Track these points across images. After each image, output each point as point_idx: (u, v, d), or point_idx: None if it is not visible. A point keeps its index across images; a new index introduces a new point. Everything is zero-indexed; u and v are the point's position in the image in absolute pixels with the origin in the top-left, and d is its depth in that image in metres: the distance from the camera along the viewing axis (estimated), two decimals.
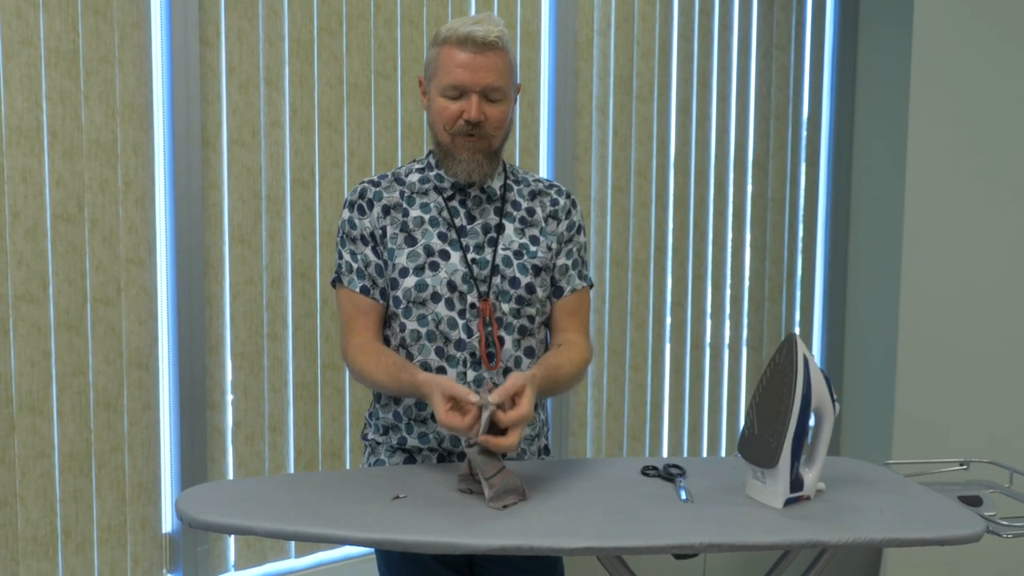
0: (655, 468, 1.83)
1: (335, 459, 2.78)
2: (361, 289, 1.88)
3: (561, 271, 1.96)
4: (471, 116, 1.80)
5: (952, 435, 3.38)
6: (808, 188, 3.72)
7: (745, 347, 3.61)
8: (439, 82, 1.82)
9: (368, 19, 2.72)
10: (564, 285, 1.96)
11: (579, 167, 3.15)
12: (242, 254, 2.58)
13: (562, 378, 1.82)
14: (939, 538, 1.57)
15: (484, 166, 1.86)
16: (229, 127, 2.53)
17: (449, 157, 1.86)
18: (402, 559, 1.87)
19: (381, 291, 1.89)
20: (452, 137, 1.84)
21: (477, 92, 1.80)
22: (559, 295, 1.96)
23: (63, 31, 2.28)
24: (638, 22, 3.23)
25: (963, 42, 3.33)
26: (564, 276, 1.96)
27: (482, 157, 1.86)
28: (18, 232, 2.26)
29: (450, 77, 1.79)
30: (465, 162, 1.85)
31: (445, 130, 1.84)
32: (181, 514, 1.55)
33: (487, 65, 1.79)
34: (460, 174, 1.86)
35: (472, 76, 1.78)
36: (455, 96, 1.81)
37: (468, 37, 1.77)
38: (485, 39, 1.77)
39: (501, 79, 1.81)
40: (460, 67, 1.78)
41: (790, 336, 1.68)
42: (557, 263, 1.95)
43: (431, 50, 1.85)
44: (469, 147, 1.84)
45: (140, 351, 2.46)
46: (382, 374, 1.80)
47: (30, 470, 2.32)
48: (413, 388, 1.74)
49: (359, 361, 1.84)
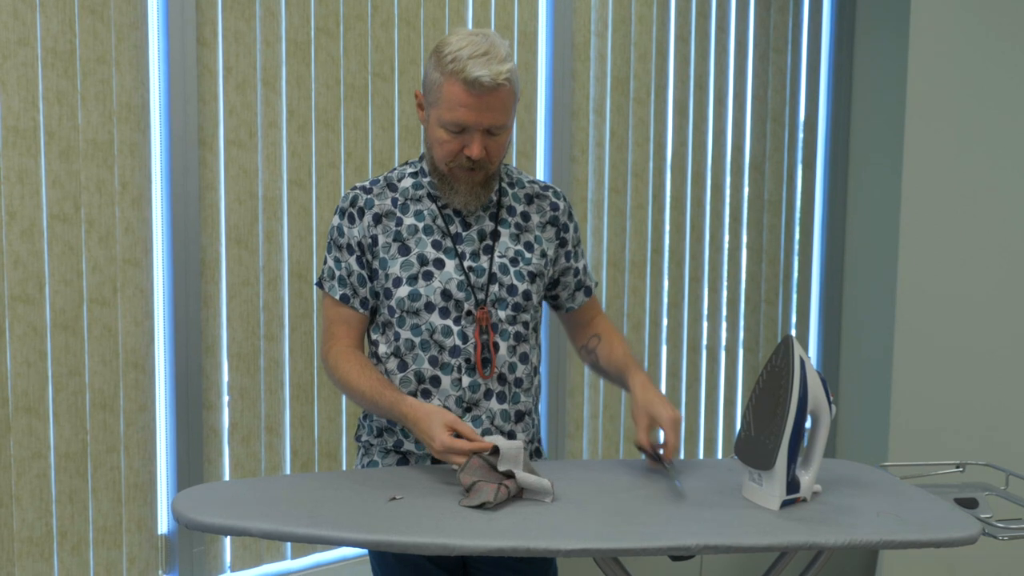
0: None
1: (331, 460, 2.78)
2: (341, 297, 1.88)
3: (584, 272, 2.02)
4: (473, 155, 1.77)
5: (948, 437, 3.39)
6: (804, 190, 3.72)
7: (741, 349, 3.62)
8: (440, 115, 1.77)
9: (365, 20, 2.72)
10: (590, 284, 2.05)
11: (576, 168, 3.16)
12: (238, 255, 2.58)
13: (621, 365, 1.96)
14: (935, 540, 1.57)
15: (482, 196, 1.85)
16: (226, 128, 2.53)
17: (446, 184, 1.84)
18: (395, 560, 1.87)
19: (361, 300, 1.88)
20: (450, 168, 1.82)
21: (481, 131, 1.77)
22: (589, 294, 2.04)
23: (60, 31, 2.28)
24: (635, 24, 3.23)
25: (959, 44, 3.33)
26: (587, 276, 2.04)
27: (480, 188, 1.84)
28: (14, 232, 2.25)
29: (453, 115, 1.75)
30: (463, 194, 1.83)
31: (444, 162, 1.81)
32: (177, 515, 1.55)
33: (492, 105, 1.74)
34: (458, 204, 1.84)
35: (477, 117, 1.74)
36: (457, 132, 1.77)
37: (476, 82, 1.71)
38: (493, 83, 1.72)
39: (504, 115, 1.77)
40: (464, 107, 1.74)
41: (786, 338, 1.68)
42: (579, 266, 2.01)
43: (433, 72, 1.77)
44: (468, 179, 1.82)
45: (136, 352, 2.45)
46: (364, 386, 1.80)
47: (26, 470, 2.31)
48: (393, 409, 1.76)
49: (341, 368, 1.84)
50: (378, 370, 1.86)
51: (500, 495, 1.61)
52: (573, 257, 1.99)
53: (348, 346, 1.88)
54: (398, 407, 1.76)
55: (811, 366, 1.69)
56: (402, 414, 1.75)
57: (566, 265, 1.98)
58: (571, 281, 2.00)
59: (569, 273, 1.99)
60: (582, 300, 2.02)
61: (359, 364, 1.84)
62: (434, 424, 1.70)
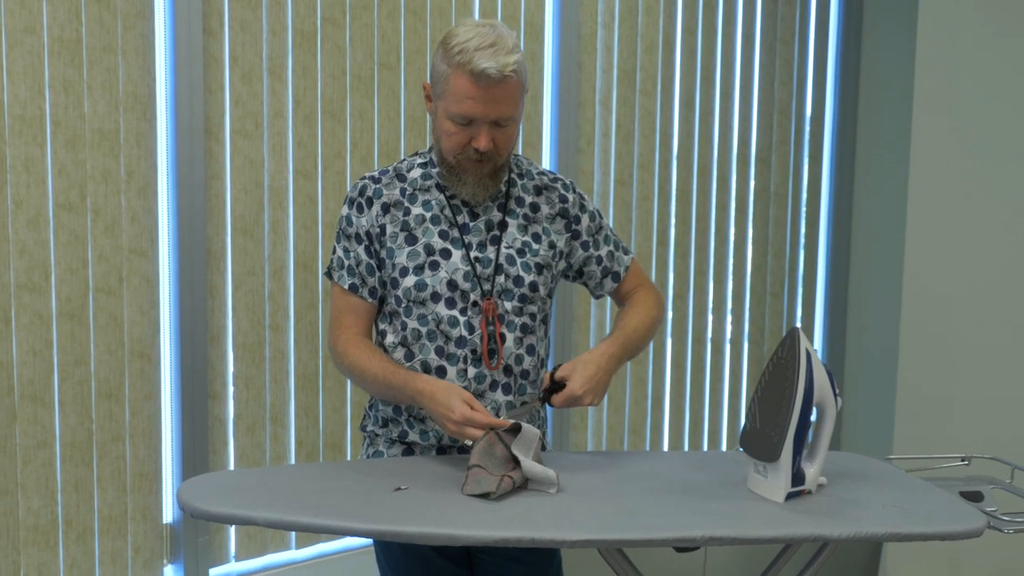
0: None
1: (336, 450, 2.78)
2: (350, 287, 1.88)
3: (609, 258, 1.99)
4: (481, 147, 1.77)
5: (953, 431, 3.38)
6: (811, 183, 3.71)
7: (747, 341, 3.61)
8: (447, 107, 1.77)
9: (371, 10, 2.72)
10: (619, 269, 2.00)
11: (582, 160, 3.15)
12: (244, 245, 2.58)
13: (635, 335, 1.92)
14: (940, 533, 1.57)
15: (490, 187, 1.85)
16: (232, 117, 2.53)
17: (454, 176, 1.84)
18: (400, 550, 1.88)
19: (370, 290, 1.88)
20: (458, 160, 1.82)
21: (488, 123, 1.77)
22: (618, 280, 2.00)
23: (66, 20, 2.28)
24: (642, 15, 3.22)
25: (967, 36, 3.32)
26: (614, 261, 2.00)
27: (488, 180, 1.84)
28: (20, 221, 2.26)
29: (460, 107, 1.75)
30: (471, 185, 1.83)
31: (452, 154, 1.81)
32: (183, 504, 1.55)
33: (500, 97, 1.74)
34: (466, 195, 1.84)
35: (484, 109, 1.74)
36: (464, 124, 1.77)
37: (483, 74, 1.71)
38: (500, 74, 1.71)
39: (512, 107, 1.77)
40: (471, 99, 1.74)
41: (792, 330, 1.68)
42: (601, 254, 1.98)
43: (440, 64, 1.77)
44: (476, 170, 1.82)
45: (142, 341, 2.46)
46: (376, 368, 1.80)
47: (31, 459, 2.32)
48: (407, 386, 1.76)
49: (351, 354, 1.84)
50: (387, 356, 1.86)
51: (504, 486, 1.61)
52: (593, 246, 1.97)
53: (357, 334, 1.88)
54: (412, 383, 1.76)
55: (817, 358, 1.69)
56: (417, 390, 1.75)
57: (586, 255, 1.97)
58: (595, 270, 1.98)
59: (592, 262, 1.98)
60: (611, 287, 2.01)
61: (369, 350, 1.84)
62: (452, 396, 1.70)
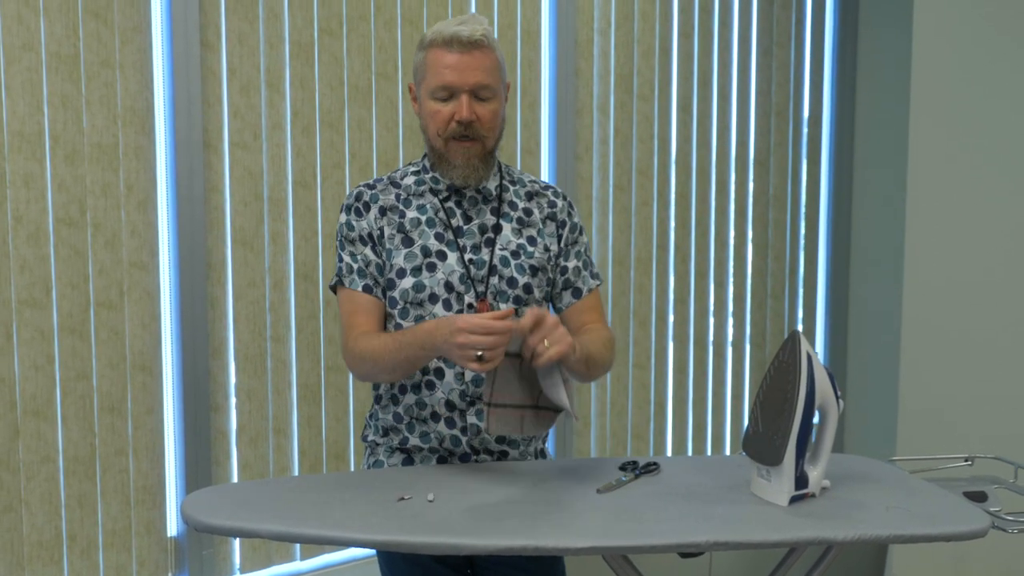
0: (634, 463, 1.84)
1: (339, 461, 2.78)
2: (364, 288, 1.88)
3: (575, 273, 1.97)
4: (462, 116, 1.81)
5: (956, 431, 3.38)
6: (810, 185, 3.72)
7: (748, 345, 3.61)
8: (428, 85, 1.83)
9: (368, 21, 2.73)
10: (581, 286, 1.98)
11: (580, 166, 3.15)
12: (244, 256, 2.58)
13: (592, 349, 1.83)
14: (944, 534, 1.57)
15: (479, 170, 1.87)
16: (230, 130, 2.54)
17: (444, 161, 1.87)
18: (403, 560, 1.88)
19: (383, 290, 1.89)
20: (446, 142, 1.85)
21: (467, 92, 1.81)
22: (578, 296, 1.97)
23: (64, 35, 2.28)
24: (638, 21, 3.23)
25: (963, 38, 3.32)
26: (579, 278, 1.98)
27: (477, 161, 1.86)
28: (20, 237, 2.26)
29: (439, 79, 1.81)
30: (460, 167, 1.86)
31: (439, 135, 1.85)
32: (187, 517, 1.56)
33: (474, 64, 1.80)
34: (456, 178, 1.87)
35: (460, 76, 1.80)
36: (445, 98, 1.82)
37: (454, 38, 1.79)
38: (471, 38, 1.79)
39: (489, 77, 1.82)
40: (448, 68, 1.80)
41: (793, 333, 1.68)
42: (568, 265, 1.97)
43: (418, 55, 1.87)
44: (464, 151, 1.85)
45: (143, 355, 2.46)
46: (387, 340, 1.79)
47: (35, 474, 2.32)
48: (416, 336, 1.74)
49: (361, 346, 1.82)
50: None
51: (527, 425, 1.71)
52: (563, 256, 1.97)
53: (369, 330, 1.87)
54: (418, 329, 1.75)
55: (818, 361, 1.69)
56: (423, 330, 1.73)
57: (555, 262, 1.97)
58: (558, 280, 1.97)
59: (556, 271, 1.97)
60: (569, 301, 1.97)
61: (376, 336, 1.83)
62: (453, 317, 1.68)
